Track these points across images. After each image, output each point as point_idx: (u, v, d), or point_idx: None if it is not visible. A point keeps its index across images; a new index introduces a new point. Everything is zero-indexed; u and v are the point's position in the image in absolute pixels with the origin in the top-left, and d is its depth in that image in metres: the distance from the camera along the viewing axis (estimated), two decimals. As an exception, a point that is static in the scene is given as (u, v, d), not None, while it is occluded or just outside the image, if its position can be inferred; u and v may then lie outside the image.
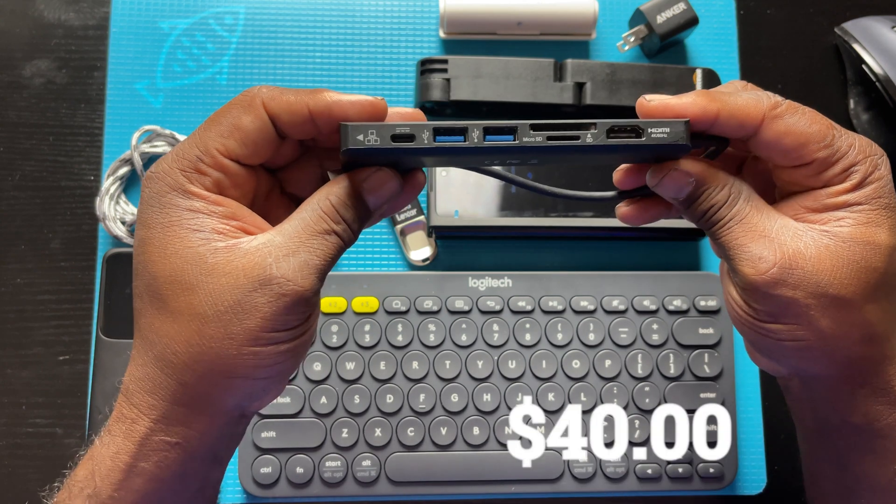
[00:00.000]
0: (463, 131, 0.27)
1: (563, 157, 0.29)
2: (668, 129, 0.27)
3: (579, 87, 0.49)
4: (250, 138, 0.27)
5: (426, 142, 0.27)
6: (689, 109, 0.28)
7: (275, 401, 0.39)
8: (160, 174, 0.27)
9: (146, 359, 0.27)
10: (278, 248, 0.27)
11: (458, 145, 0.27)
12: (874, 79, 0.51)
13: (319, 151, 0.31)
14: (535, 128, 0.27)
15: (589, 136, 0.27)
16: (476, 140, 0.27)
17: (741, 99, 0.28)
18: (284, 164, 0.31)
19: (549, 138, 0.27)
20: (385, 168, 0.28)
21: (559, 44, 0.52)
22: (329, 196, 0.28)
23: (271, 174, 0.31)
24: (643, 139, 0.27)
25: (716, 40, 0.53)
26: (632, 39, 0.51)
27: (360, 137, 0.26)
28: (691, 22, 0.50)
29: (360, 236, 0.49)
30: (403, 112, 0.29)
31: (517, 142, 0.27)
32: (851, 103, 0.53)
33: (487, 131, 0.27)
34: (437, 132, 0.27)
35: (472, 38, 0.52)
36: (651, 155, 0.29)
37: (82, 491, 0.28)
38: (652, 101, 0.28)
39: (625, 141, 0.27)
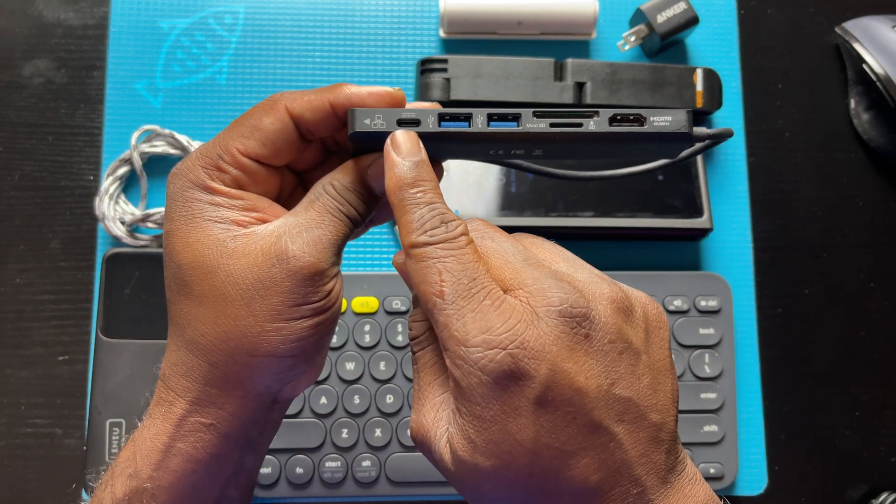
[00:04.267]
0: (468, 117, 0.27)
1: (566, 146, 0.29)
2: (669, 118, 0.27)
3: (579, 86, 0.49)
4: (270, 139, 0.29)
5: (431, 126, 0.27)
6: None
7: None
8: (183, 171, 0.29)
9: (179, 343, 0.29)
10: (292, 226, 0.28)
11: (462, 131, 0.27)
12: (875, 78, 0.51)
13: (343, 155, 0.32)
14: (538, 115, 0.27)
15: (592, 123, 0.27)
16: (480, 126, 0.27)
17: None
18: (308, 168, 0.32)
19: (553, 125, 0.27)
20: None
21: (559, 43, 0.52)
22: (334, 181, 0.29)
23: (297, 175, 0.32)
24: (645, 127, 0.27)
25: (716, 40, 0.53)
26: (632, 39, 0.51)
27: (367, 121, 0.27)
28: (692, 21, 0.50)
29: (360, 236, 0.49)
30: (423, 105, 0.29)
31: (521, 128, 0.27)
32: (852, 103, 0.53)
33: (491, 117, 0.27)
34: (442, 118, 0.27)
35: (472, 38, 0.52)
36: (652, 145, 0.29)
37: (124, 471, 0.29)
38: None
39: (627, 129, 0.27)
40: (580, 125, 0.27)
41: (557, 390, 0.25)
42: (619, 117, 0.28)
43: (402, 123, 0.27)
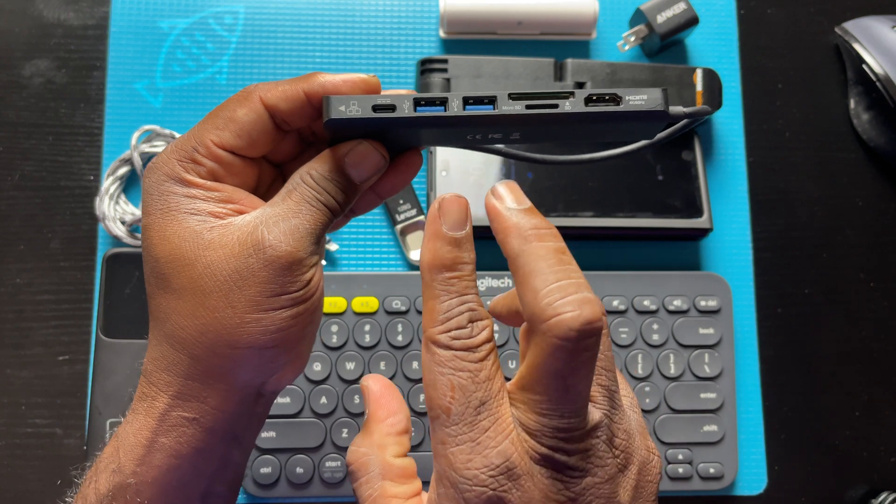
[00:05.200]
0: (443, 102, 0.27)
1: (543, 128, 0.29)
2: (645, 97, 0.27)
3: (580, 86, 0.49)
4: (245, 130, 0.28)
5: (406, 112, 0.27)
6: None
7: (275, 401, 0.39)
8: (159, 164, 0.29)
9: (159, 338, 0.28)
10: (268, 216, 0.28)
11: (438, 115, 0.27)
12: (874, 78, 0.51)
13: (321, 146, 0.31)
14: (514, 97, 0.27)
15: (567, 104, 0.27)
16: (456, 109, 0.27)
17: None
18: (286, 159, 0.32)
19: (528, 107, 0.27)
20: (367, 141, 0.29)
21: (559, 43, 0.52)
22: (311, 170, 0.29)
23: (275, 167, 0.32)
24: (621, 106, 0.27)
25: (716, 40, 0.53)
26: (632, 39, 0.51)
27: (342, 108, 0.27)
28: (692, 21, 0.50)
29: (360, 236, 0.49)
30: (398, 91, 0.29)
31: (496, 111, 0.27)
32: (852, 103, 0.53)
33: (467, 101, 0.27)
34: (418, 103, 0.27)
35: (472, 38, 0.52)
36: (630, 124, 0.29)
37: (108, 466, 0.29)
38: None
39: (603, 108, 0.27)
40: (556, 106, 0.27)
41: None
42: (594, 97, 0.27)
43: (378, 109, 0.27)
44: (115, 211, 0.47)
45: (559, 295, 0.24)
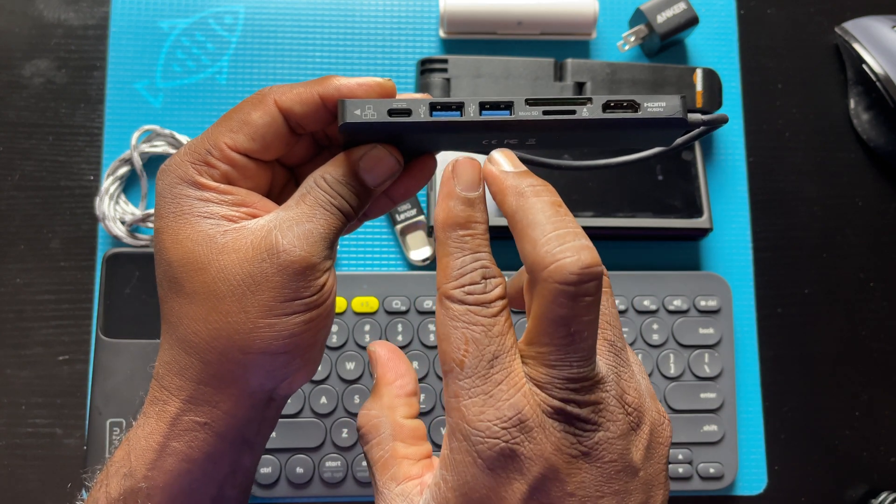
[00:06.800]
0: (460, 107, 0.27)
1: (560, 134, 0.29)
2: (664, 104, 0.27)
3: (579, 86, 0.49)
4: (259, 133, 0.28)
5: (422, 116, 0.27)
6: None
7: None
8: (172, 167, 0.29)
9: (172, 342, 0.28)
10: (282, 221, 0.28)
11: (454, 120, 0.27)
12: (874, 78, 0.51)
13: (335, 150, 0.31)
14: (530, 103, 0.27)
15: (585, 110, 0.27)
16: (472, 114, 0.27)
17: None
18: (300, 162, 0.32)
19: (546, 112, 0.27)
20: (382, 145, 0.29)
21: (559, 43, 0.52)
22: (325, 174, 0.28)
23: (288, 170, 0.32)
24: (639, 113, 0.27)
25: (716, 40, 0.53)
26: (632, 39, 0.51)
27: (358, 112, 0.27)
28: (692, 21, 0.50)
29: (360, 236, 0.49)
30: (414, 95, 0.29)
31: (513, 116, 0.27)
32: (852, 103, 0.53)
33: (483, 106, 0.27)
34: (434, 107, 0.27)
35: (472, 38, 0.52)
36: (647, 131, 0.29)
37: (118, 471, 0.29)
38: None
39: (621, 115, 0.27)
40: (573, 112, 0.27)
41: (546, 492, 0.24)
42: (612, 104, 0.27)
43: (393, 114, 0.27)
44: (115, 211, 0.47)
45: (557, 242, 0.24)
